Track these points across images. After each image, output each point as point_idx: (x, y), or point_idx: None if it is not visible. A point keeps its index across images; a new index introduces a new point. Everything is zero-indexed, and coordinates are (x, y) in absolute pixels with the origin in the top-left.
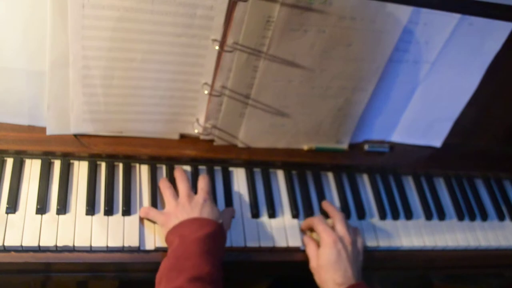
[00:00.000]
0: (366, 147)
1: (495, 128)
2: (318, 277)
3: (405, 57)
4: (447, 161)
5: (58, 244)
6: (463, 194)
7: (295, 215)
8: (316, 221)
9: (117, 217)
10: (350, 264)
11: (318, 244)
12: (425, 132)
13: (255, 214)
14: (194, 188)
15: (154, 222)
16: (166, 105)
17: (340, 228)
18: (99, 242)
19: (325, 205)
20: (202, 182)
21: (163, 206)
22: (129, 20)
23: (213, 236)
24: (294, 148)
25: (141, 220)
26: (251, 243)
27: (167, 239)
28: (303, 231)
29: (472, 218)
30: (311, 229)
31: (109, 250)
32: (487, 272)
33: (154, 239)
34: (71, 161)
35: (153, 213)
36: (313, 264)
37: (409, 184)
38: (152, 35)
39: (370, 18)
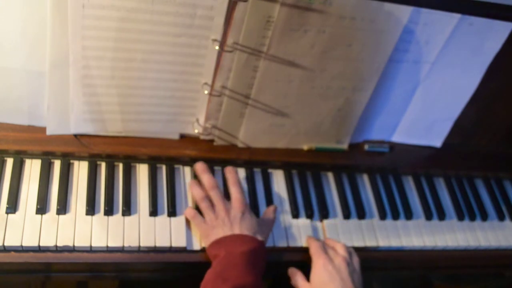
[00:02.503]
0: (366, 147)
1: (495, 128)
2: None
3: (405, 57)
4: (447, 161)
5: (58, 244)
6: (463, 194)
7: (295, 215)
8: (309, 241)
9: (117, 217)
10: (344, 283)
11: (304, 273)
12: (425, 132)
13: (255, 214)
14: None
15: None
16: (166, 105)
17: (328, 248)
18: (99, 242)
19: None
20: (234, 189)
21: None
22: (129, 20)
23: (255, 252)
24: (294, 148)
25: (141, 220)
26: None
27: (210, 251)
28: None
29: (472, 218)
30: None
31: (109, 250)
32: (487, 272)
33: (154, 239)
34: (71, 161)
35: (198, 220)
36: None
37: (409, 184)
38: (152, 35)
39: (370, 18)
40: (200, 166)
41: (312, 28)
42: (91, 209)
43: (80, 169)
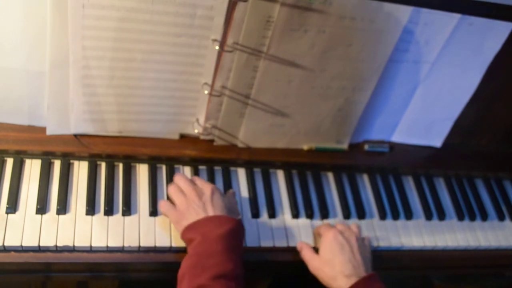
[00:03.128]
0: (366, 147)
1: (495, 128)
2: (324, 275)
3: (405, 57)
4: (447, 161)
5: (58, 244)
6: (463, 194)
7: (295, 215)
8: (317, 227)
9: (117, 217)
10: (354, 254)
11: (314, 248)
12: (425, 132)
13: (255, 214)
14: None
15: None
16: (166, 105)
17: (339, 225)
18: (99, 242)
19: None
20: (197, 180)
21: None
22: (129, 20)
23: (232, 232)
24: (294, 148)
25: (141, 220)
26: (251, 243)
27: (184, 237)
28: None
29: (472, 218)
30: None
31: (109, 250)
32: (487, 272)
33: (154, 239)
34: (71, 161)
35: (167, 207)
36: (315, 263)
37: (409, 184)
38: (152, 35)
39: (370, 18)
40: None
41: (312, 28)
42: (91, 209)
43: (80, 169)
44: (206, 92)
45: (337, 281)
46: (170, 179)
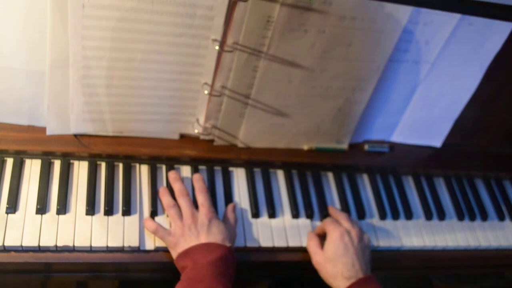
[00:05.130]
0: (366, 147)
1: (495, 128)
2: (325, 272)
3: (405, 57)
4: (447, 161)
5: (58, 244)
6: (463, 194)
7: (295, 215)
8: (325, 220)
9: (117, 217)
10: (357, 257)
11: (320, 240)
12: (425, 132)
13: (255, 214)
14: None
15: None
16: (166, 105)
17: (346, 223)
18: (99, 242)
19: (331, 209)
20: (201, 196)
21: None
22: (129, 20)
23: (223, 259)
24: (294, 148)
25: (141, 220)
26: (251, 243)
27: (177, 263)
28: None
29: (472, 218)
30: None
31: (109, 250)
32: (487, 272)
33: (154, 239)
34: (71, 161)
35: (162, 233)
36: (318, 258)
37: (409, 184)
38: (152, 35)
39: (370, 18)
40: (172, 175)
41: (312, 28)
42: (91, 209)
43: (80, 169)
44: (206, 92)
45: (336, 280)
46: (167, 181)
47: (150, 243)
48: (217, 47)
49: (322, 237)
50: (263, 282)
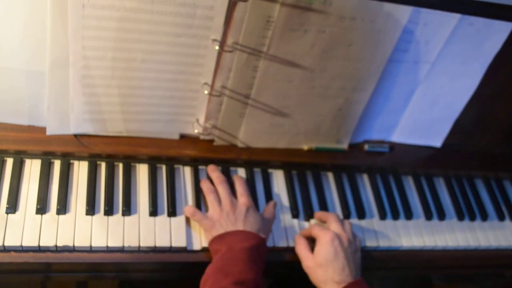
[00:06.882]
0: (366, 147)
1: (495, 128)
2: (315, 277)
3: (405, 57)
4: (447, 161)
5: (58, 244)
6: (463, 194)
7: (295, 215)
8: (312, 226)
9: (117, 217)
10: (348, 261)
11: (309, 243)
12: (425, 132)
13: None
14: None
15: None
16: (166, 105)
17: (336, 226)
18: (99, 242)
19: (317, 214)
20: (241, 187)
21: (206, 210)
22: (129, 20)
23: (257, 248)
24: (294, 148)
25: (141, 220)
26: None
27: (211, 246)
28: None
29: (472, 218)
30: (312, 240)
31: (109, 250)
32: (487, 272)
33: (154, 239)
34: (71, 161)
35: (199, 216)
36: (309, 263)
37: (409, 184)
38: (152, 35)
39: (370, 18)
40: (211, 167)
41: (312, 28)
42: (91, 209)
43: (80, 169)
44: (206, 92)
45: (327, 285)
46: (170, 179)
47: (150, 243)
48: (217, 47)
49: (310, 239)
50: (263, 280)
